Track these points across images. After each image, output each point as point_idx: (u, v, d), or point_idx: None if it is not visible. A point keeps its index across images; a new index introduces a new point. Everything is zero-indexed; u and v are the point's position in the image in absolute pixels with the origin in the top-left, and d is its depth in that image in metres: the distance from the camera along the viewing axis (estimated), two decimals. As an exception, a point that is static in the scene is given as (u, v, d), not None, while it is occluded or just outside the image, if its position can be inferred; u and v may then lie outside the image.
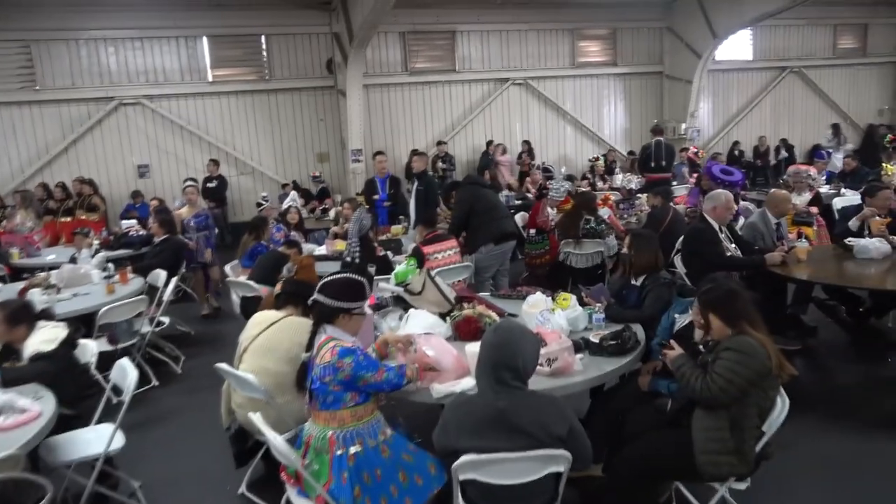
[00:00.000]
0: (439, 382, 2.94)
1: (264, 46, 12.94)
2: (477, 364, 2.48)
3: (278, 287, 4.10)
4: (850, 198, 7.79)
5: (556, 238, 7.07)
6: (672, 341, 2.97)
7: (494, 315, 3.77)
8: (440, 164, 12.94)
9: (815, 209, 7.42)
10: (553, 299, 3.84)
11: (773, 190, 5.67)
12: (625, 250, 4.15)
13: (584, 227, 6.67)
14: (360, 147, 12.90)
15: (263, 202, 9.93)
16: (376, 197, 8.06)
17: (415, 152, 8.18)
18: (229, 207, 12.71)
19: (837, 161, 12.05)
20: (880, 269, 4.87)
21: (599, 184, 10.91)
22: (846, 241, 5.27)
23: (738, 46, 16.27)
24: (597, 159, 12.19)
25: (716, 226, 5.25)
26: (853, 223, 5.50)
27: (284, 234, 7.02)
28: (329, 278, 3.00)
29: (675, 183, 10.68)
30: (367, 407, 2.73)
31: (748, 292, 5.04)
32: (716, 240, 5.17)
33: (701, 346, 3.05)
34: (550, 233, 7.20)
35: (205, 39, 12.53)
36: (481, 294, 4.58)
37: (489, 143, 13.95)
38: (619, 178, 11.11)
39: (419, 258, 5.27)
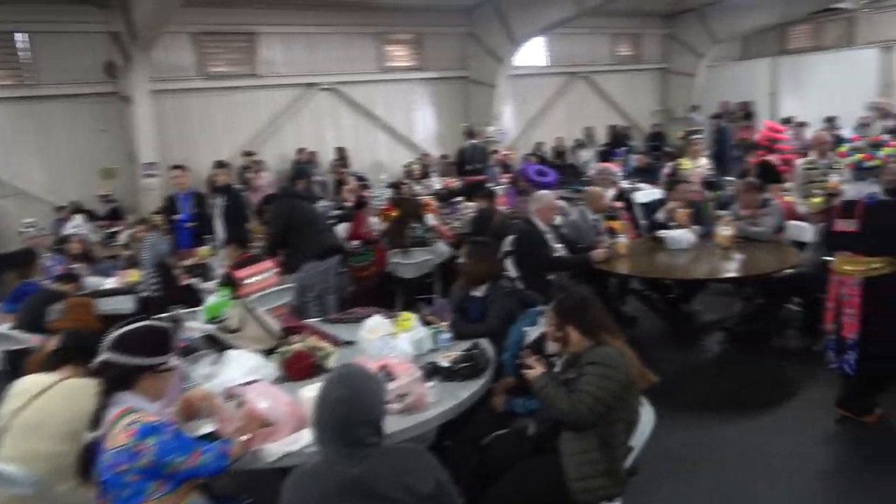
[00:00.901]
0: (273, 440, 2.42)
1: (26, 45, 11.03)
2: (315, 425, 1.99)
3: (52, 342, 3.24)
4: (647, 192, 8.41)
5: (384, 248, 6.73)
6: (531, 360, 2.73)
7: (329, 346, 3.31)
8: (248, 175, 11.98)
9: (619, 204, 7.92)
10: (393, 320, 3.47)
11: (589, 188, 5.84)
12: (462, 259, 3.90)
13: (410, 236, 6.40)
14: (153, 160, 11.52)
15: (27, 230, 8.28)
16: (177, 216, 7.11)
17: (218, 164, 7.35)
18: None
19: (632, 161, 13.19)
20: (688, 258, 5.19)
21: (418, 188, 10.78)
22: (658, 233, 5.56)
23: (533, 53, 17.25)
24: (411, 164, 12.08)
25: (542, 226, 5.25)
26: (661, 216, 5.83)
27: (65, 269, 5.88)
28: (122, 330, 2.32)
29: (490, 185, 10.91)
30: (177, 494, 2.12)
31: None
32: (543, 241, 5.16)
33: (556, 360, 2.86)
34: (375, 243, 6.85)
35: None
36: (310, 321, 4.08)
37: (300, 150, 13.27)
38: (436, 182, 11.10)
39: (232, 285, 4.60)
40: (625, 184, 9.45)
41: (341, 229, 7.77)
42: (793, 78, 18.37)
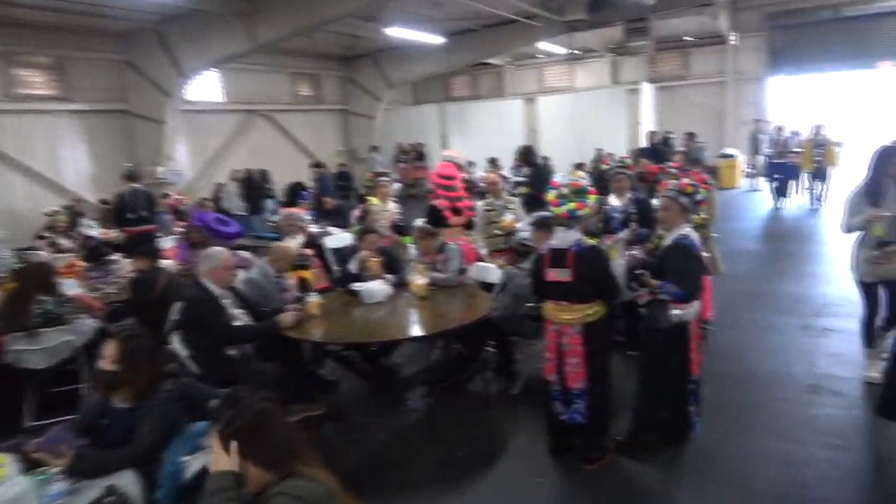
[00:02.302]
0: None
1: None
2: None
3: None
4: (338, 236, 7.99)
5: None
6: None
7: None
8: None
9: (309, 251, 7.32)
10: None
11: (277, 244, 5.09)
12: (106, 366, 2.79)
13: (37, 313, 4.84)
14: None
15: None
16: None
17: None
18: None
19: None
20: (386, 312, 4.77)
21: (64, 242, 8.75)
22: (352, 286, 5.06)
23: (209, 88, 15.96)
24: (56, 212, 9.86)
25: (217, 291, 4.34)
26: (353, 266, 5.36)
27: None
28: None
29: (160, 235, 9.41)
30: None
31: (270, 367, 4.33)
32: (218, 308, 4.25)
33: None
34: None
35: None
36: None
37: None
38: (94, 232, 9.20)
39: None
40: (314, 228, 8.97)
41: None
42: (458, 122, 20.31)
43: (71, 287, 5.94)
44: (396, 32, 14.11)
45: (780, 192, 13.08)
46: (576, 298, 3.73)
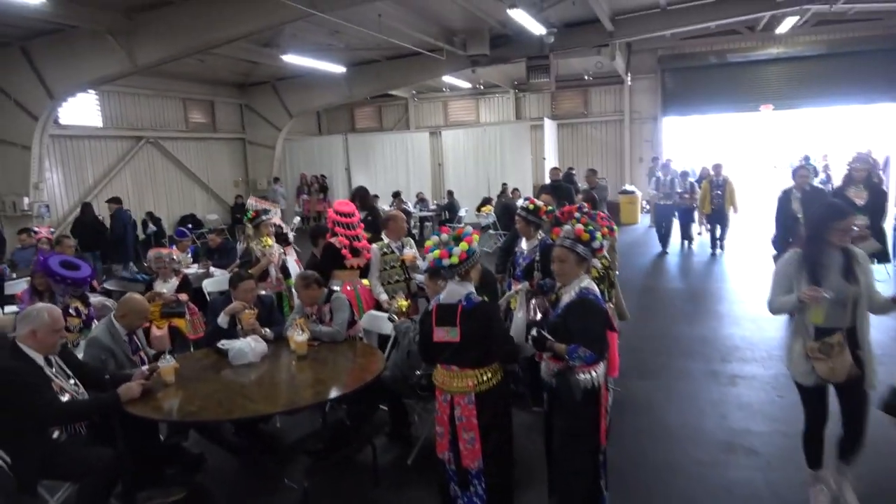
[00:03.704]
0: None
1: None
2: None
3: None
4: (221, 278, 7.18)
5: None
6: None
7: None
8: None
9: (184, 296, 6.48)
10: None
11: (127, 295, 4.29)
12: None
13: None
14: None
15: None
16: None
17: None
18: None
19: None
20: (259, 376, 4.08)
21: None
22: (219, 344, 4.33)
23: (86, 112, 14.64)
24: None
25: (38, 358, 3.51)
26: (222, 320, 4.62)
27: None
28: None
29: (14, 277, 8.22)
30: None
31: (105, 451, 3.52)
32: (39, 380, 3.43)
33: None
34: None
35: None
36: None
37: None
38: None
39: None
40: (194, 269, 8.09)
41: None
42: (363, 155, 19.78)
43: None
44: (295, 60, 13.50)
45: (664, 237, 12.65)
46: (466, 362, 3.24)
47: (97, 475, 3.40)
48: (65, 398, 3.51)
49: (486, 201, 15.58)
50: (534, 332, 3.31)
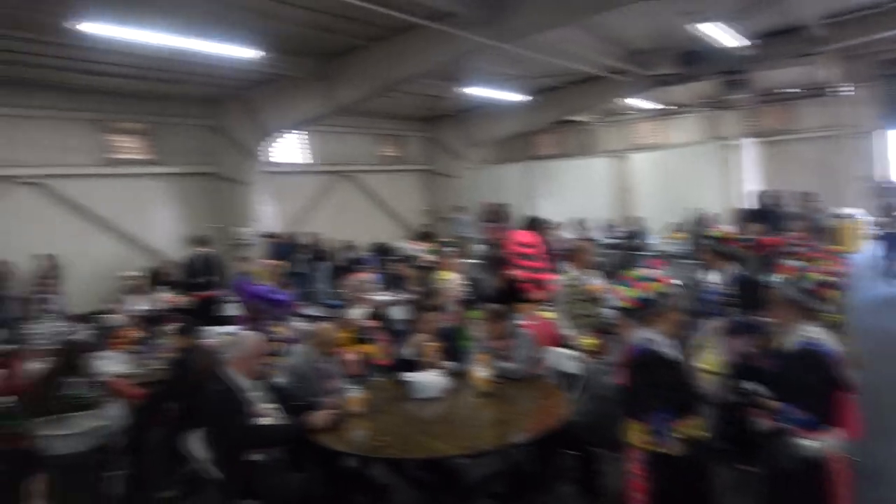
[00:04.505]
0: None
1: None
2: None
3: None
4: (405, 307, 7.36)
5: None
6: None
7: None
8: None
9: (374, 322, 6.72)
10: None
11: (321, 325, 4.49)
12: None
13: (59, 395, 4.43)
14: None
15: None
16: None
17: None
18: None
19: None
20: (439, 411, 4.00)
21: (134, 308, 8.61)
22: (402, 376, 4.35)
23: (294, 150, 16.19)
24: (131, 277, 9.82)
25: (243, 382, 3.74)
26: (406, 351, 4.65)
27: None
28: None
29: (233, 298, 9.16)
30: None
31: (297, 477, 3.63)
32: (242, 405, 3.64)
33: None
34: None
35: None
36: None
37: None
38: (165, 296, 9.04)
39: None
40: (382, 296, 8.40)
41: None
42: (544, 181, 19.59)
43: (114, 362, 5.59)
44: (477, 92, 13.77)
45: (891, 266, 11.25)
46: (638, 413, 2.86)
47: (290, 501, 3.52)
48: (264, 422, 3.69)
49: (677, 227, 14.59)
50: (744, 384, 2.84)
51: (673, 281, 3.01)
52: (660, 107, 19.07)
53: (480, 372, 4.18)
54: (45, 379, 4.51)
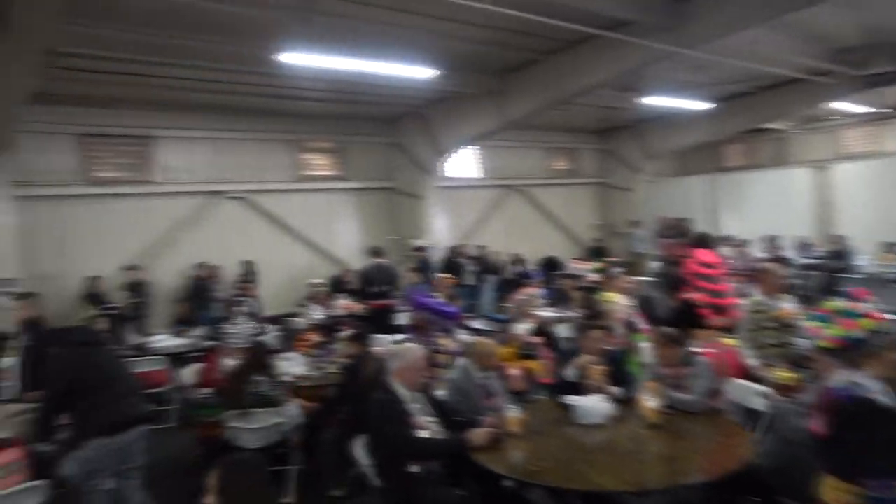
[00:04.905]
0: None
1: None
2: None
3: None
4: (571, 325, 7.13)
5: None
6: None
7: None
8: (126, 294, 10.46)
9: (539, 339, 6.59)
10: None
11: (477, 339, 4.48)
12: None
13: (250, 392, 4.85)
14: (13, 277, 9.82)
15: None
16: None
17: (23, 296, 5.76)
18: None
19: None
20: (602, 439, 3.77)
21: (317, 314, 9.28)
22: (565, 399, 4.17)
23: (466, 165, 16.57)
24: (318, 284, 10.62)
25: (405, 394, 3.82)
26: (570, 372, 4.47)
27: None
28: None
29: (404, 308, 9.54)
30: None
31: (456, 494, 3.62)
32: (403, 416, 3.71)
33: None
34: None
35: None
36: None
37: (200, 264, 11.76)
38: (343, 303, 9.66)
39: None
40: (548, 312, 8.23)
41: (189, 373, 6.22)
42: (731, 195, 18.10)
43: (296, 363, 6.03)
44: (656, 101, 13.11)
45: None
46: (827, 467, 2.40)
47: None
48: (423, 435, 3.73)
49: (889, 248, 12.70)
50: None
51: (886, 315, 2.54)
52: (872, 110, 16.73)
53: (649, 401, 3.87)
54: (237, 375, 4.98)
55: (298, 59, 8.43)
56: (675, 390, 4.12)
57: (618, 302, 6.06)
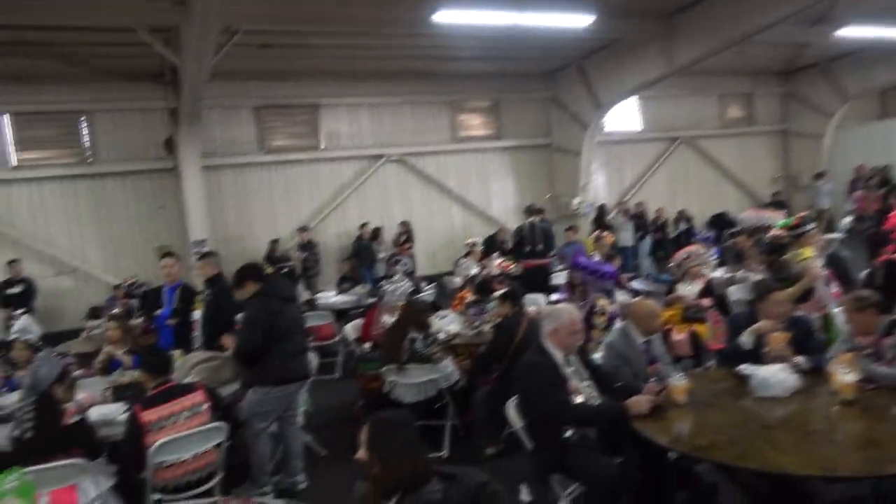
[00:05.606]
0: None
1: (85, 124, 11.04)
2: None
3: None
4: (747, 286, 6.48)
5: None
6: None
7: None
8: (298, 254, 11.28)
9: (707, 301, 6.08)
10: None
11: (636, 300, 4.17)
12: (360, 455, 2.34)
13: (409, 349, 4.96)
14: (203, 237, 10.98)
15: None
16: (159, 312, 6.16)
17: (204, 255, 6.34)
18: (39, 317, 10.37)
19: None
20: (784, 414, 3.34)
21: (474, 270, 9.34)
22: (740, 368, 3.75)
23: (627, 117, 15.65)
24: (474, 244, 10.67)
25: (558, 356, 3.65)
26: (745, 339, 4.01)
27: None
28: None
29: (560, 268, 9.32)
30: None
31: (610, 462, 3.43)
32: (556, 379, 3.55)
33: None
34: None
35: (6, 118, 10.55)
36: None
37: (363, 225, 12.35)
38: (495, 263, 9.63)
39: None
40: (718, 273, 7.56)
41: (351, 328, 6.54)
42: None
43: (451, 322, 6.09)
44: (855, 32, 11.36)
45: None
46: None
47: (603, 484, 3.34)
48: (578, 399, 3.56)
49: None
50: None
51: None
52: None
53: (843, 374, 3.36)
54: (395, 331, 5.12)
55: (453, 16, 8.36)
56: (875, 363, 3.55)
57: (811, 259, 5.35)
